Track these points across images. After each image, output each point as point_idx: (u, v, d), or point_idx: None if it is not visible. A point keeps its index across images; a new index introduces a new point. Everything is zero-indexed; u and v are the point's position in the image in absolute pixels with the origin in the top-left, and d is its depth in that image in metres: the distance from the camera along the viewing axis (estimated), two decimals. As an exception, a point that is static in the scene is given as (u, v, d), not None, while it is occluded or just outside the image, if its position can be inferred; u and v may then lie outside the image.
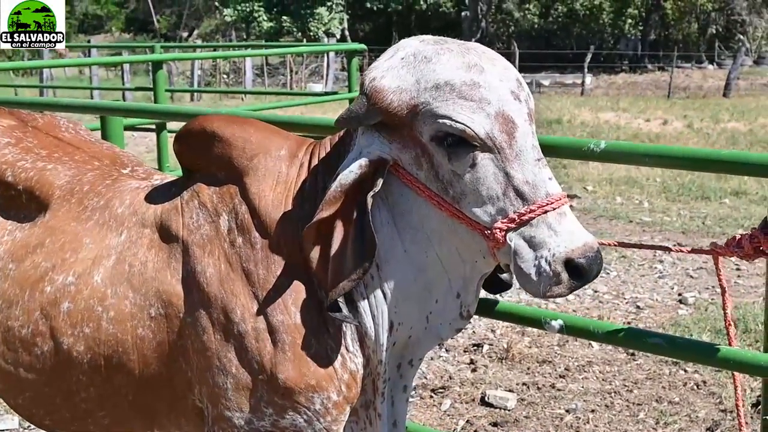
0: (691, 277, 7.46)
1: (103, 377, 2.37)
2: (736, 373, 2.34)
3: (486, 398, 4.93)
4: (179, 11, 54.59)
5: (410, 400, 4.96)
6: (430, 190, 2.07)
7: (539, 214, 1.98)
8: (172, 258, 2.30)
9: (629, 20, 41.45)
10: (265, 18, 38.64)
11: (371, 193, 2.06)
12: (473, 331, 6.05)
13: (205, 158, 2.32)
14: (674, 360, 5.48)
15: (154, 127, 7.91)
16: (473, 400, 4.98)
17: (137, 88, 14.80)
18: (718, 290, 6.88)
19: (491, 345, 5.79)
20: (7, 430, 4.70)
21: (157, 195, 2.41)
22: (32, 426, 4.59)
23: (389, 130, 2.07)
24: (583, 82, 29.66)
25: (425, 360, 5.58)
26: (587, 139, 2.20)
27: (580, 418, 4.75)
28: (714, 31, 42.97)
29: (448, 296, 2.23)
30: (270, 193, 2.24)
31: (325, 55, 27.85)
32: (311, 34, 36.72)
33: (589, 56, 30.48)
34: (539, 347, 5.73)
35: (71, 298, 2.36)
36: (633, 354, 5.62)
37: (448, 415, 4.80)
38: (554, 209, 1.99)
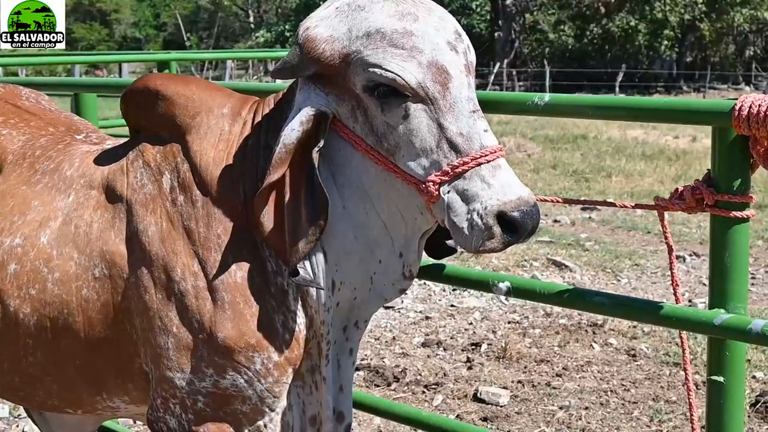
0: (704, 284, 7.33)
1: (49, 340, 2.35)
2: (684, 334, 2.29)
3: (479, 394, 4.87)
4: (216, 34, 55.21)
5: (402, 395, 4.92)
6: (366, 143, 2.04)
7: (472, 167, 1.94)
8: (116, 218, 2.29)
9: (665, 42, 41.21)
10: (298, 38, 38.87)
11: (316, 149, 2.03)
12: (474, 332, 5.99)
13: (150, 117, 2.30)
14: (675, 361, 5.39)
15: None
16: (466, 396, 4.91)
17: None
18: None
19: (490, 344, 5.72)
20: (-3, 418, 4.71)
21: (104, 157, 2.40)
22: (23, 415, 4.60)
23: (325, 82, 2.05)
24: (615, 102, 29.48)
25: (422, 357, 5.52)
26: (531, 94, 2.16)
27: (572, 415, 4.67)
28: (751, 53, 42.64)
29: (391, 255, 2.18)
30: (211, 150, 2.22)
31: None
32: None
33: (621, 75, 30.31)
34: (539, 348, 5.66)
35: (18, 260, 2.34)
36: (634, 355, 5.54)
37: (439, 410, 4.73)
38: (488, 162, 1.94)
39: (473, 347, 5.68)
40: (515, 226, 1.91)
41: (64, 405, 2.50)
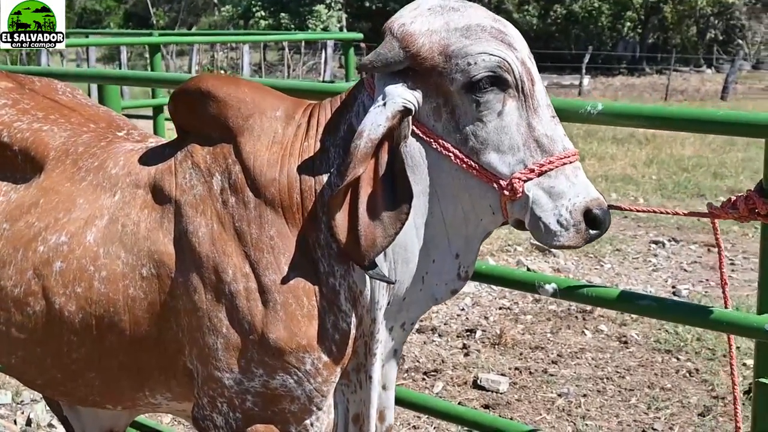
0: (685, 270, 7.47)
1: (94, 337, 2.35)
2: (732, 338, 2.35)
3: (478, 381, 4.94)
4: (178, 7, 54.53)
5: (402, 382, 4.97)
6: (444, 141, 2.07)
7: (558, 166, 2.03)
8: (164, 218, 2.29)
9: (628, 23, 41.42)
10: (263, 14, 38.65)
11: (403, 144, 2.06)
12: (466, 318, 6.06)
13: (200, 118, 2.30)
14: (666, 348, 5.50)
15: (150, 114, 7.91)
16: (465, 383, 4.98)
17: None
18: (713, 283, 6.96)
19: (484, 331, 5.79)
20: (0, 404, 4.69)
21: (151, 156, 2.40)
22: (26, 401, 4.60)
23: (414, 78, 2.07)
24: (580, 83, 29.65)
25: (418, 344, 5.58)
26: (584, 102, 2.22)
27: (572, 402, 4.75)
28: (713, 36, 43.00)
29: (446, 256, 2.21)
30: (265, 152, 2.22)
31: (323, 51, 27.85)
32: (309, 31, 36.67)
33: (587, 58, 30.48)
34: (532, 334, 5.74)
35: (63, 258, 2.34)
36: (626, 342, 5.64)
37: (441, 397, 4.79)
38: (571, 162, 2.05)
39: (468, 333, 5.76)
40: (597, 223, 2.03)
41: (105, 401, 2.51)
